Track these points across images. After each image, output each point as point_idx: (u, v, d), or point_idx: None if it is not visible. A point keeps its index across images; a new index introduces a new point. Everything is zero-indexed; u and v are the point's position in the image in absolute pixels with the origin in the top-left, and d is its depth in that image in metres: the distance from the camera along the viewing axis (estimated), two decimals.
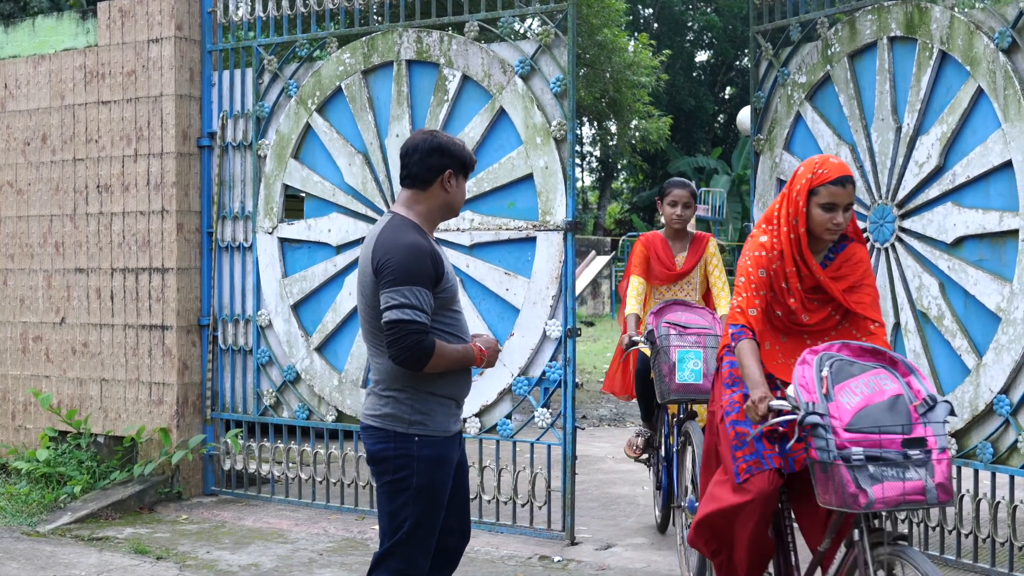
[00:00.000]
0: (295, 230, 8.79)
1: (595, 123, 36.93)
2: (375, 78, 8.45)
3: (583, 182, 52.33)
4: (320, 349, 8.67)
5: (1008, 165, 6.65)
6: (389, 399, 4.79)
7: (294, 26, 8.92)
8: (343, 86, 8.53)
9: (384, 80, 8.40)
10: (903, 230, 7.24)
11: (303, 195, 8.88)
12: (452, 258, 8.08)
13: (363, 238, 8.44)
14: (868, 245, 7.41)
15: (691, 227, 8.62)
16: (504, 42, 8.02)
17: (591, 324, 30.12)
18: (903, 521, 7.26)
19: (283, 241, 8.84)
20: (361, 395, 8.41)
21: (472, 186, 8.02)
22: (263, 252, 8.88)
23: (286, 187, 8.85)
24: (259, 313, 8.89)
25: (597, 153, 48.13)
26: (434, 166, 4.87)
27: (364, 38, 8.47)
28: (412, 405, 4.78)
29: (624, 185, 53.25)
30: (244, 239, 8.98)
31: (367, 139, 8.44)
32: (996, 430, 6.69)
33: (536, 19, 8.23)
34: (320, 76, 8.62)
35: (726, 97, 51.19)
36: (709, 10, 49.34)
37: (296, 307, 8.77)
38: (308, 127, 8.70)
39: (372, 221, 8.41)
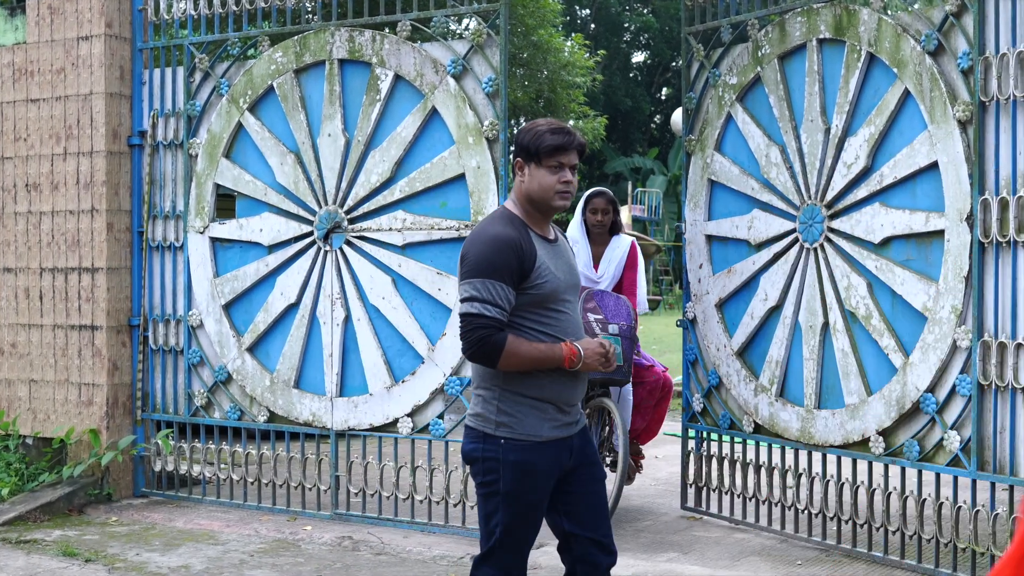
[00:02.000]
0: (227, 230, 8.74)
1: None
2: (307, 77, 8.42)
3: None
4: (252, 349, 8.62)
5: (934, 166, 6.73)
6: (478, 398, 4.65)
7: (226, 24, 8.87)
8: (275, 85, 8.49)
9: (316, 79, 8.38)
10: (832, 230, 7.31)
11: (235, 194, 8.83)
12: (383, 258, 8.07)
13: (295, 238, 8.42)
14: (797, 245, 7.50)
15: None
16: (437, 42, 8.02)
17: None
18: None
19: (214, 241, 8.79)
20: (293, 395, 8.39)
21: (404, 186, 8.01)
22: (194, 252, 8.83)
23: (218, 186, 8.80)
24: (190, 313, 8.83)
25: None
26: (513, 157, 4.75)
27: (296, 37, 8.44)
28: (498, 406, 4.58)
29: None
30: (175, 238, 8.92)
31: (299, 138, 8.40)
32: (922, 428, 6.76)
33: (471, 19, 8.23)
34: (252, 75, 8.58)
35: (663, 98, 51.46)
36: (646, 11, 49.58)
37: (228, 307, 8.72)
38: (240, 126, 8.65)
39: (304, 220, 8.38)
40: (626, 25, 49.97)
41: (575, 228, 8.43)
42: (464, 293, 4.51)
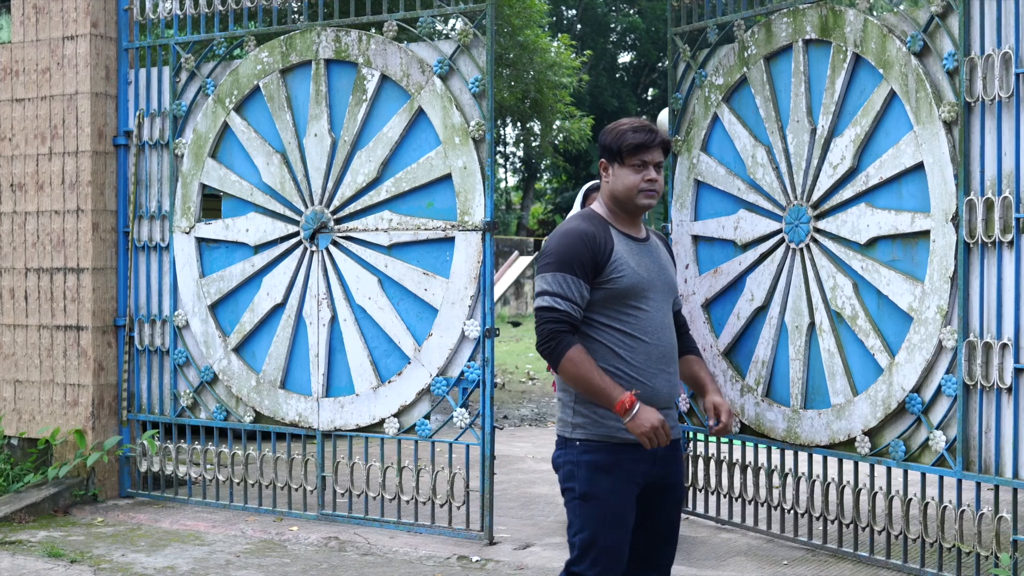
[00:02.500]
0: (212, 230, 8.72)
1: (518, 124, 36.97)
2: (293, 77, 8.41)
3: (506, 183, 52.41)
4: (238, 350, 8.61)
5: (920, 167, 6.74)
6: (559, 403, 4.59)
7: (212, 24, 8.85)
8: (261, 85, 8.48)
9: (302, 79, 8.36)
10: (818, 231, 7.31)
11: (221, 194, 8.82)
12: (369, 258, 8.06)
13: (281, 238, 8.41)
14: (784, 246, 7.50)
15: None
16: (423, 42, 8.01)
17: (517, 324, 30.20)
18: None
19: (200, 241, 8.77)
20: (279, 396, 8.38)
21: (390, 186, 8.00)
22: (180, 252, 8.81)
23: (203, 186, 8.78)
24: (176, 313, 8.81)
25: (520, 154, 48.20)
26: (598, 158, 4.69)
27: (282, 37, 8.43)
28: (574, 408, 4.51)
29: (547, 186, 53.37)
30: (161, 239, 8.90)
31: (285, 138, 8.39)
32: (908, 428, 6.77)
33: (457, 19, 8.23)
34: (238, 75, 8.57)
35: (649, 98, 51.49)
36: (632, 12, 49.60)
37: (213, 307, 8.71)
38: (226, 126, 8.64)
39: (290, 221, 8.37)
40: (612, 26, 49.97)
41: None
42: (538, 287, 4.49)
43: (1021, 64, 6.28)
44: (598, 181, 6.82)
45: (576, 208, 7.34)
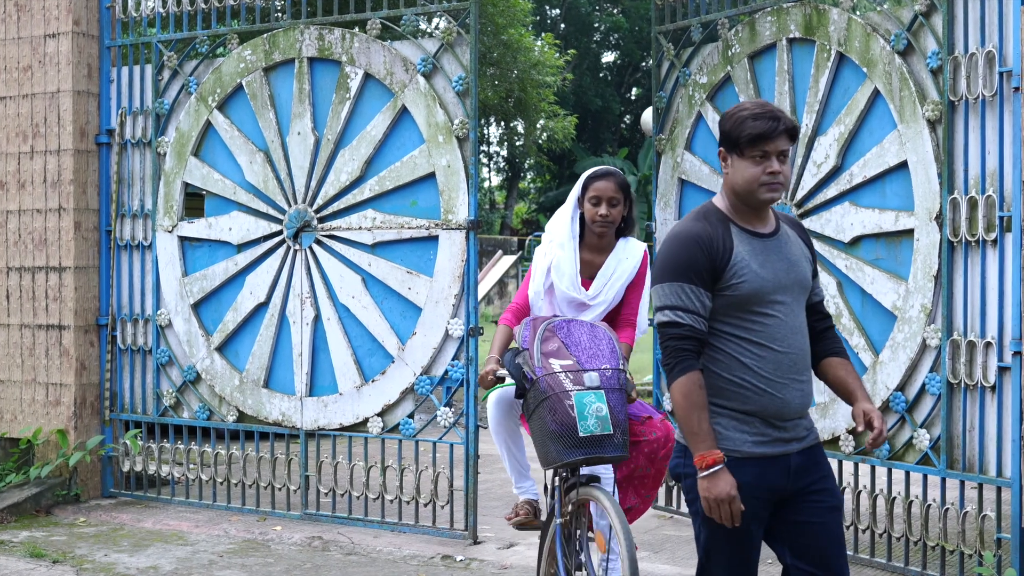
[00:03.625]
0: (195, 228, 8.69)
1: (502, 123, 36.97)
2: (277, 75, 8.39)
3: (490, 182, 52.39)
4: (221, 349, 8.58)
5: (904, 165, 6.74)
6: None
7: (195, 22, 8.82)
8: (244, 83, 8.45)
9: (286, 78, 8.34)
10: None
11: (204, 193, 8.79)
12: (353, 257, 8.04)
13: (264, 237, 8.38)
14: None
15: None
16: (406, 40, 7.99)
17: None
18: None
19: (183, 240, 8.74)
20: (262, 395, 8.35)
21: (374, 184, 7.99)
22: (163, 251, 8.78)
23: (186, 185, 8.75)
24: (159, 312, 8.78)
25: (504, 153, 48.22)
26: (718, 146, 4.22)
27: (266, 35, 8.40)
28: None
29: (531, 185, 53.39)
30: (143, 237, 8.86)
31: (268, 137, 8.37)
32: (892, 427, 6.78)
33: (441, 18, 8.21)
34: (221, 73, 8.54)
35: (632, 98, 51.54)
36: (616, 11, 49.64)
37: (196, 306, 8.68)
38: (208, 124, 8.61)
39: (273, 219, 8.35)
40: (596, 25, 50.02)
41: (563, 224, 6.07)
42: (655, 300, 4.13)
43: (1005, 63, 6.28)
44: (599, 168, 6.10)
45: (568, 206, 6.07)
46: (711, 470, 3.98)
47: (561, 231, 6.05)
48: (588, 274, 6.01)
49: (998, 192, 6.27)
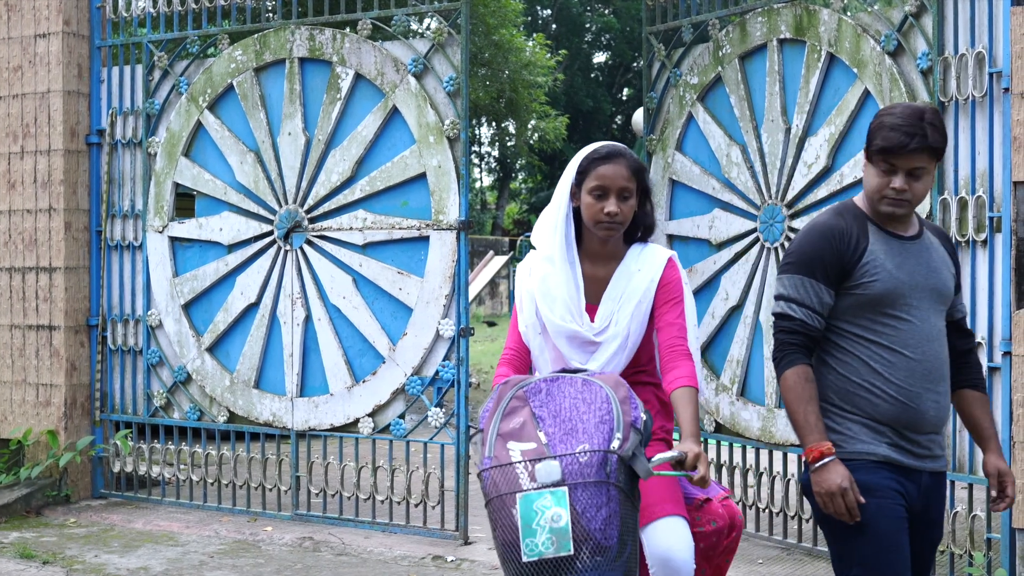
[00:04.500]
0: (186, 229, 8.68)
1: (494, 123, 36.97)
2: (267, 76, 8.38)
3: (482, 182, 52.39)
4: (211, 349, 8.57)
5: None
6: (822, 409, 3.93)
7: (185, 23, 8.81)
8: (235, 83, 8.44)
9: (276, 78, 8.33)
10: (793, 230, 7.32)
11: (194, 193, 8.78)
12: (344, 257, 8.03)
13: (254, 237, 8.38)
14: (758, 245, 7.51)
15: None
16: (397, 41, 7.99)
17: (493, 324, 30.16)
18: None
19: (174, 240, 8.73)
20: (253, 395, 8.34)
21: (365, 185, 7.98)
22: (153, 251, 8.76)
23: (177, 185, 8.74)
24: (149, 313, 8.77)
25: (496, 153, 48.21)
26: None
27: (256, 35, 8.39)
28: (827, 421, 3.89)
29: (523, 185, 53.37)
30: (134, 238, 8.85)
31: (259, 137, 8.36)
32: None
33: (432, 18, 8.20)
34: (211, 73, 8.53)
35: (624, 98, 51.52)
36: (607, 12, 49.63)
37: (187, 307, 8.67)
38: (199, 125, 8.60)
39: (264, 220, 8.34)
40: (587, 25, 49.96)
41: (550, 228, 4.37)
42: (776, 289, 3.96)
43: (995, 64, 6.30)
44: (602, 147, 4.32)
45: (562, 194, 4.32)
46: (821, 462, 3.78)
47: (548, 238, 4.37)
48: (594, 297, 4.34)
49: (988, 193, 6.28)
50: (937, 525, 4.01)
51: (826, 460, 3.78)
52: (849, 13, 7.18)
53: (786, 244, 7.34)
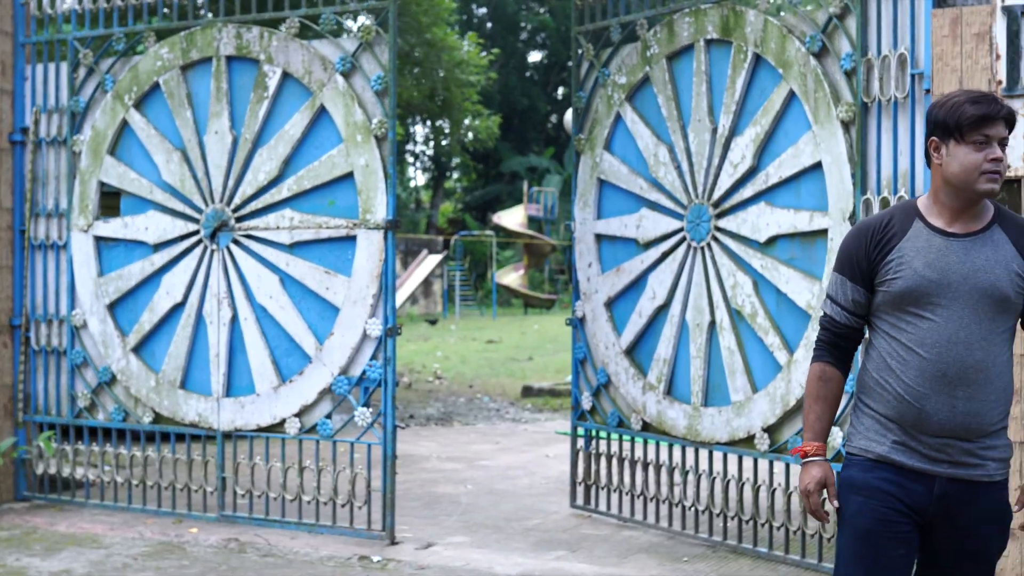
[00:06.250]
0: (111, 228, 8.59)
1: (428, 122, 36.90)
2: (194, 74, 8.31)
3: (416, 181, 52.33)
4: (137, 349, 8.49)
5: (818, 166, 6.81)
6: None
7: (111, 20, 8.72)
8: (161, 82, 8.37)
9: (203, 76, 8.27)
10: (719, 229, 7.36)
11: (120, 192, 8.69)
12: (271, 257, 7.98)
13: (181, 236, 8.31)
14: (685, 244, 7.55)
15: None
16: (325, 39, 7.95)
17: (434, 322, 30.16)
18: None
19: (99, 239, 8.64)
20: (179, 396, 8.28)
21: (292, 184, 7.94)
22: (78, 250, 8.67)
23: (102, 184, 8.65)
24: (73, 313, 8.67)
25: (430, 152, 48.17)
26: (926, 137, 3.90)
27: (183, 33, 8.32)
28: (851, 419, 3.99)
29: (457, 184, 53.36)
30: (58, 237, 8.75)
31: (186, 136, 8.29)
32: None
33: (361, 16, 8.17)
34: (137, 71, 8.45)
35: (559, 97, 51.67)
36: (542, 11, 49.74)
37: (112, 307, 8.58)
38: (125, 123, 8.51)
39: (190, 219, 8.27)
40: (523, 24, 50.08)
41: None
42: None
43: (916, 65, 6.36)
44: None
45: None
46: (804, 461, 3.96)
47: None
48: None
49: (910, 192, 6.34)
50: (973, 536, 3.84)
51: (808, 460, 3.95)
52: (782, 13, 7.24)
53: (712, 244, 7.38)
